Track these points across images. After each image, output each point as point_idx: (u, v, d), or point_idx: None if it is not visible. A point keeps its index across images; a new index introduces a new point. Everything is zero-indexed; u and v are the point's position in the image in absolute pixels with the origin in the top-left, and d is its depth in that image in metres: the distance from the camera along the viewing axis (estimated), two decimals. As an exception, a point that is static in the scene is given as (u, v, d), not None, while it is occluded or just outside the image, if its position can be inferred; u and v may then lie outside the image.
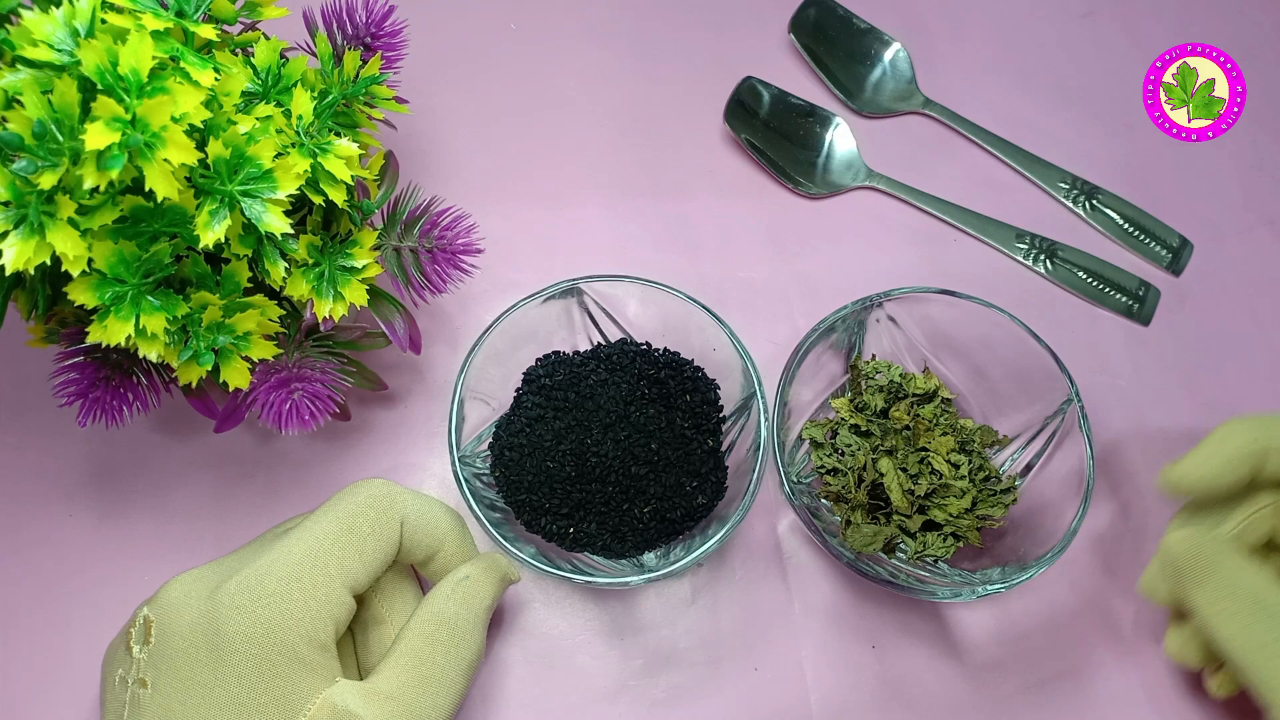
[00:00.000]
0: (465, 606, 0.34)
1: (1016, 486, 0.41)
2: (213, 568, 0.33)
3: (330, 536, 0.33)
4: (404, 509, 0.35)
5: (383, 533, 0.34)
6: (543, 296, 0.40)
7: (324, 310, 0.35)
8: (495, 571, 0.36)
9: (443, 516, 0.36)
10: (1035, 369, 0.40)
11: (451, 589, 0.35)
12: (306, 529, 0.33)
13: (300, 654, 0.31)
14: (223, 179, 0.30)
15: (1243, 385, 0.47)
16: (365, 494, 0.35)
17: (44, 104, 0.27)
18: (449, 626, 0.34)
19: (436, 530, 0.36)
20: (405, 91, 0.40)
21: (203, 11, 0.33)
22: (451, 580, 0.35)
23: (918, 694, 0.40)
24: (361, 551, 0.33)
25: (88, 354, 0.35)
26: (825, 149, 0.51)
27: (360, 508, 0.34)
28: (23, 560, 0.40)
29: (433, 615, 0.34)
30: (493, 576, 0.36)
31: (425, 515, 0.36)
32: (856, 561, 0.37)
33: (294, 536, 0.33)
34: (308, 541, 0.33)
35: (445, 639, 0.33)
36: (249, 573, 0.32)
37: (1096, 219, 0.50)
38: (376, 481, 0.35)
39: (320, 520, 0.34)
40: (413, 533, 0.35)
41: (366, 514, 0.34)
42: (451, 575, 0.35)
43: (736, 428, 0.41)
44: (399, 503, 0.35)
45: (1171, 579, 0.36)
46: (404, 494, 0.35)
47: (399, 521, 0.35)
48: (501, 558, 0.37)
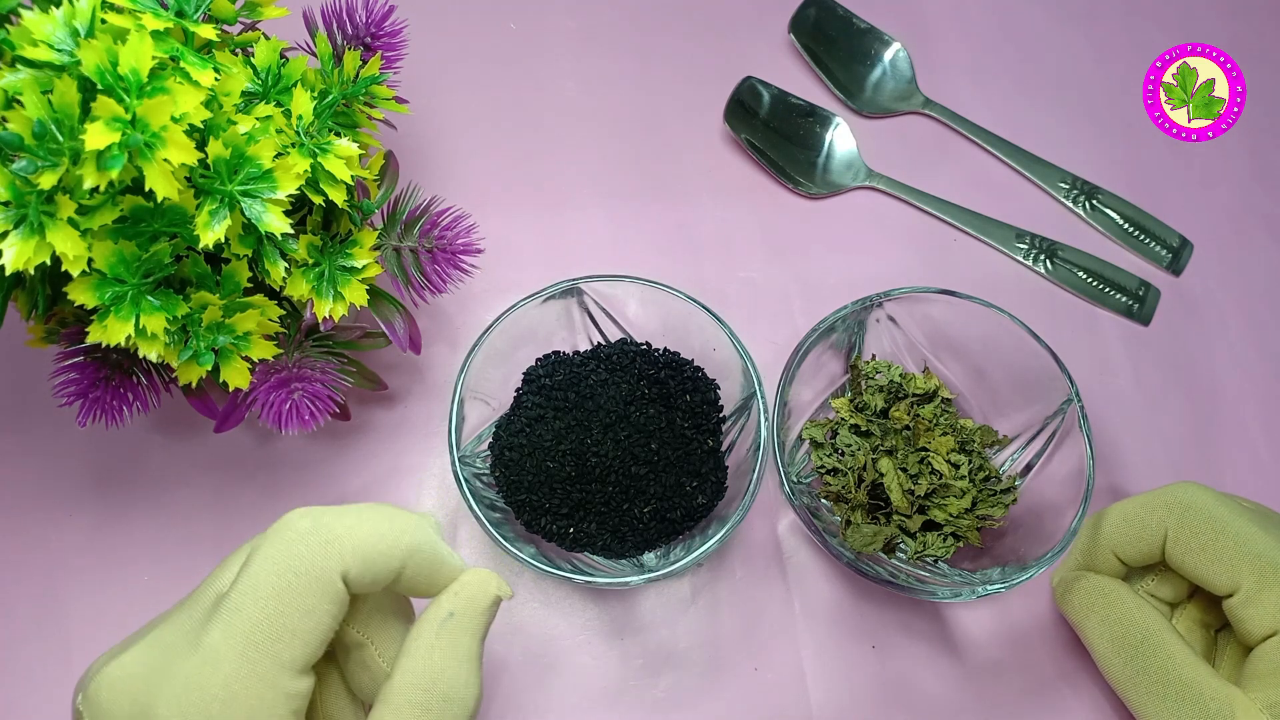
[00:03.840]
0: (453, 655, 0.30)
1: (1016, 486, 0.41)
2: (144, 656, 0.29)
3: (259, 629, 0.28)
4: (342, 561, 0.29)
5: (320, 606, 0.28)
6: (543, 296, 0.40)
7: (324, 310, 0.35)
8: (483, 599, 0.31)
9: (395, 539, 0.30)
10: (1035, 369, 0.40)
11: (435, 636, 0.30)
12: (230, 620, 0.28)
13: None
14: (223, 179, 0.30)
15: (1243, 385, 0.47)
16: (289, 559, 0.28)
17: (44, 104, 0.27)
18: (439, 687, 0.29)
19: (390, 561, 0.30)
20: (405, 91, 0.40)
21: (203, 11, 0.33)
22: (433, 624, 0.30)
23: (918, 694, 0.40)
24: (299, 633, 0.28)
25: (88, 354, 0.35)
26: (825, 149, 0.51)
27: (286, 582, 0.28)
28: (23, 560, 0.40)
29: (420, 676, 0.29)
30: (479, 605, 0.31)
31: (371, 553, 0.29)
32: (856, 561, 0.37)
33: (218, 630, 0.28)
34: (235, 640, 0.27)
35: (439, 705, 0.29)
36: (178, 692, 0.27)
37: (1096, 219, 0.50)
38: (302, 525, 0.29)
39: (244, 607, 0.28)
40: (360, 579, 0.29)
41: (294, 588, 0.28)
42: (432, 616, 0.30)
43: (736, 428, 0.41)
44: (334, 556, 0.29)
45: (1062, 601, 0.39)
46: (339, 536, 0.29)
47: (338, 580, 0.29)
48: (489, 575, 0.31)
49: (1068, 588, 0.38)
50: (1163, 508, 0.36)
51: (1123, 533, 0.37)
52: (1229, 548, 0.34)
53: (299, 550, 0.29)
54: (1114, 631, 0.36)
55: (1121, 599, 0.36)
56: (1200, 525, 0.35)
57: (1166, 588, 0.38)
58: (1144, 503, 0.37)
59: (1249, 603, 0.34)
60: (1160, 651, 0.35)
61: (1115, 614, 0.36)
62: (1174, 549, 0.36)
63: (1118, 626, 0.36)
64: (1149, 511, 0.37)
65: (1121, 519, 0.37)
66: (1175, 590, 0.38)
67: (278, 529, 0.29)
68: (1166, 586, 0.38)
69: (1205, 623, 0.38)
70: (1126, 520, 0.37)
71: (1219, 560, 0.35)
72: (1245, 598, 0.34)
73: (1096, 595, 0.37)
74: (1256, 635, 0.34)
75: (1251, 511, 0.36)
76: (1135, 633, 0.35)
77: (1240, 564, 0.34)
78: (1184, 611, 0.38)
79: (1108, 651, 0.36)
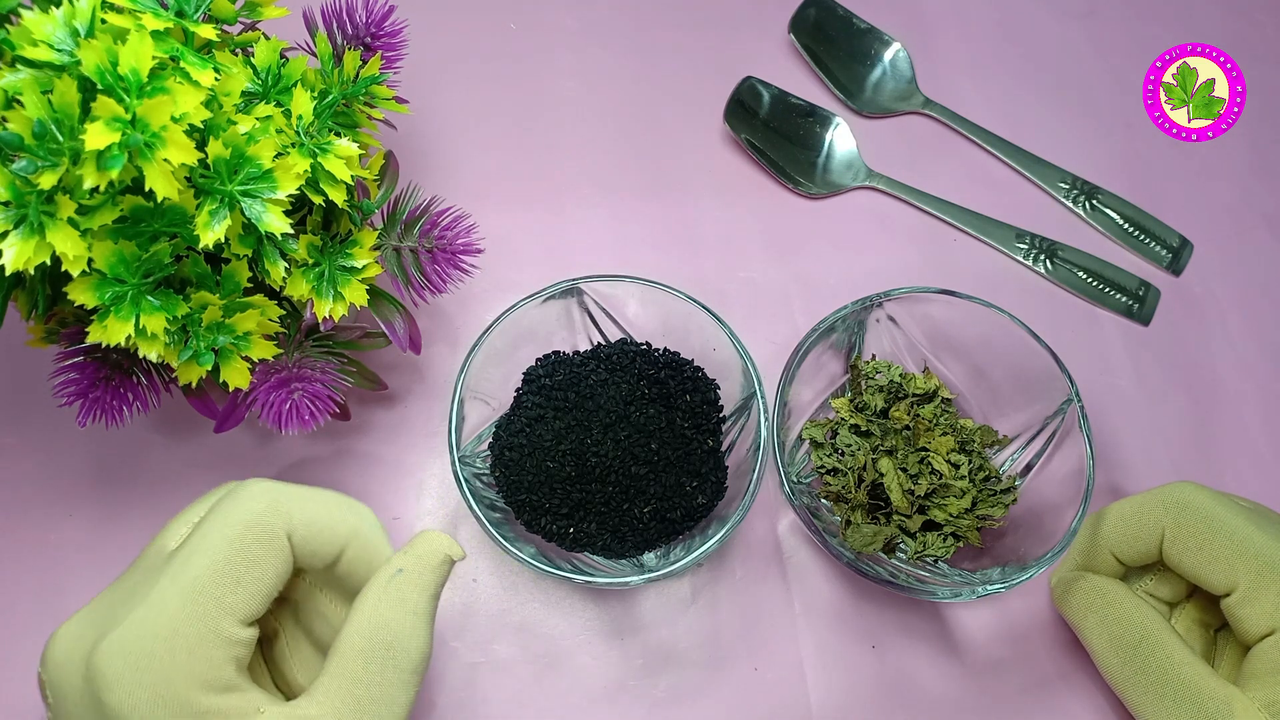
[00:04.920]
0: (401, 607, 0.31)
1: (1016, 486, 0.41)
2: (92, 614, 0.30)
3: (206, 575, 0.29)
4: (289, 521, 0.31)
5: (266, 558, 0.30)
6: (543, 296, 0.40)
7: (324, 310, 0.35)
8: (433, 556, 0.32)
9: (341, 518, 0.32)
10: (1035, 369, 0.40)
11: (383, 589, 0.31)
12: (179, 567, 0.29)
13: (200, 706, 0.28)
14: (223, 179, 0.30)
15: (1243, 385, 0.47)
16: (240, 514, 0.30)
17: (44, 104, 0.27)
18: (384, 636, 0.30)
19: (334, 536, 0.32)
20: (405, 91, 0.40)
21: (203, 11, 0.33)
22: (382, 578, 0.31)
23: (918, 694, 0.40)
24: (244, 582, 0.29)
25: (88, 354, 0.35)
26: (825, 149, 0.51)
27: (235, 532, 0.30)
28: (23, 560, 0.40)
29: (365, 624, 0.30)
30: (430, 562, 0.32)
31: (316, 523, 0.31)
32: (856, 561, 0.37)
33: (167, 578, 0.29)
34: (181, 585, 0.29)
35: (382, 653, 0.30)
36: (123, 633, 0.28)
37: (1096, 219, 0.50)
38: (256, 488, 0.31)
39: (192, 555, 0.29)
40: (304, 544, 0.31)
41: (243, 539, 0.30)
42: (382, 572, 0.31)
43: (736, 428, 0.41)
44: (282, 515, 0.31)
45: (1061, 601, 0.39)
46: (289, 501, 0.31)
47: (284, 538, 0.31)
48: (439, 535, 0.32)
49: (1066, 588, 0.38)
50: (1160, 507, 0.36)
51: (1120, 533, 0.37)
52: (1226, 547, 0.34)
53: (249, 506, 0.30)
54: (1112, 631, 0.36)
55: (1120, 599, 0.37)
56: (1197, 525, 0.35)
57: (1165, 587, 0.38)
58: (1141, 503, 0.37)
59: (1246, 602, 0.34)
60: (1159, 651, 0.35)
61: (1114, 614, 0.36)
62: (1171, 548, 0.36)
63: (1116, 626, 0.36)
64: (1146, 511, 0.37)
65: (1119, 519, 0.37)
66: (1174, 590, 0.38)
67: (233, 492, 0.31)
68: (1165, 586, 0.38)
69: (1204, 622, 0.38)
70: (1124, 520, 0.37)
71: (1216, 559, 0.35)
72: (1243, 597, 0.34)
73: (1095, 595, 0.37)
74: (1254, 634, 0.34)
75: (1249, 510, 0.36)
76: (1134, 632, 0.35)
77: (1237, 563, 0.34)
78: (1183, 611, 0.39)
79: (1106, 651, 0.36)
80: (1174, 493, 0.36)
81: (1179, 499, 0.36)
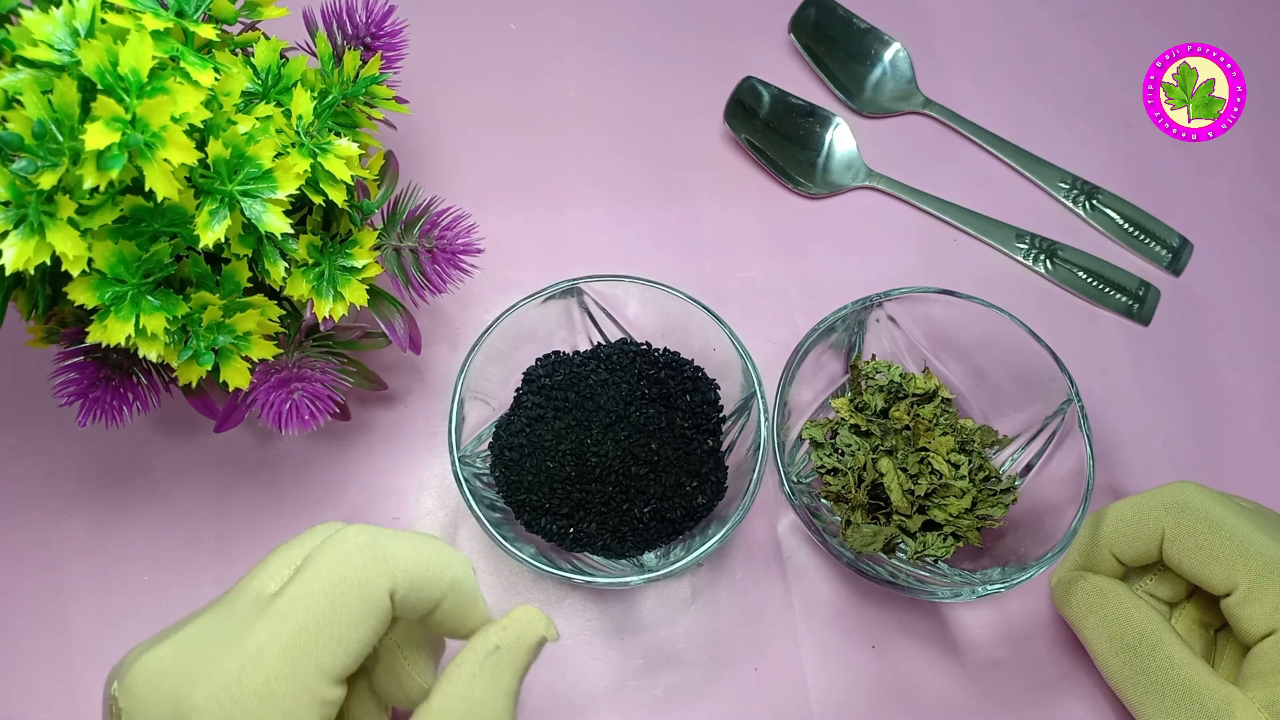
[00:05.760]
0: (494, 689, 0.29)
1: (1016, 486, 0.41)
2: (182, 648, 0.29)
3: (306, 634, 0.28)
4: (393, 580, 0.29)
5: (368, 619, 0.29)
6: (543, 296, 0.40)
7: (324, 310, 0.35)
8: (529, 637, 0.30)
9: (442, 571, 0.30)
10: (1035, 369, 0.40)
11: (479, 666, 0.29)
12: (278, 622, 0.28)
13: None
14: (223, 179, 0.30)
15: (1243, 385, 0.47)
16: (344, 570, 0.29)
17: (44, 104, 0.27)
18: (476, 715, 0.29)
19: (434, 590, 0.30)
20: (405, 91, 0.40)
21: (203, 11, 0.33)
22: (478, 654, 0.30)
23: (918, 694, 0.40)
24: (344, 642, 0.28)
25: (88, 354, 0.35)
26: (825, 149, 0.51)
27: (339, 591, 0.28)
28: (23, 560, 0.40)
29: (457, 703, 0.29)
30: (525, 643, 0.30)
31: (419, 580, 0.30)
32: (856, 561, 0.37)
33: (265, 633, 0.28)
34: (280, 642, 0.28)
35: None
36: (218, 686, 0.27)
37: (1096, 219, 0.50)
38: (360, 540, 0.29)
39: (294, 610, 0.28)
40: (405, 600, 0.30)
41: (346, 599, 0.28)
42: (477, 647, 0.30)
43: (736, 428, 0.41)
44: (386, 574, 0.29)
45: (1061, 601, 0.39)
46: (394, 557, 0.29)
47: (387, 597, 0.29)
48: (537, 614, 0.31)
49: (1066, 588, 0.38)
50: (1160, 507, 0.36)
51: (1120, 533, 0.37)
52: (1226, 547, 0.34)
53: (355, 562, 0.29)
54: (1112, 631, 0.36)
55: (1120, 599, 0.37)
56: (1197, 525, 0.35)
57: (1165, 587, 0.38)
58: (1141, 503, 0.37)
59: (1246, 602, 0.34)
60: (1159, 651, 0.35)
61: (1114, 614, 0.36)
62: (1171, 549, 0.36)
63: (1116, 626, 0.36)
64: (1146, 511, 0.37)
65: (1119, 519, 0.37)
66: (1174, 590, 0.38)
67: (335, 541, 0.30)
68: (1165, 586, 0.38)
69: (1204, 622, 0.38)
70: (1124, 520, 0.37)
71: (1216, 559, 0.35)
72: (1243, 597, 0.34)
73: (1095, 595, 0.37)
74: (1254, 634, 0.34)
75: (1249, 510, 0.36)
76: (1134, 632, 0.35)
77: (1237, 563, 0.34)
78: (1183, 611, 0.38)
79: (1106, 651, 0.36)
80: (1174, 493, 0.36)
81: (1179, 499, 0.36)
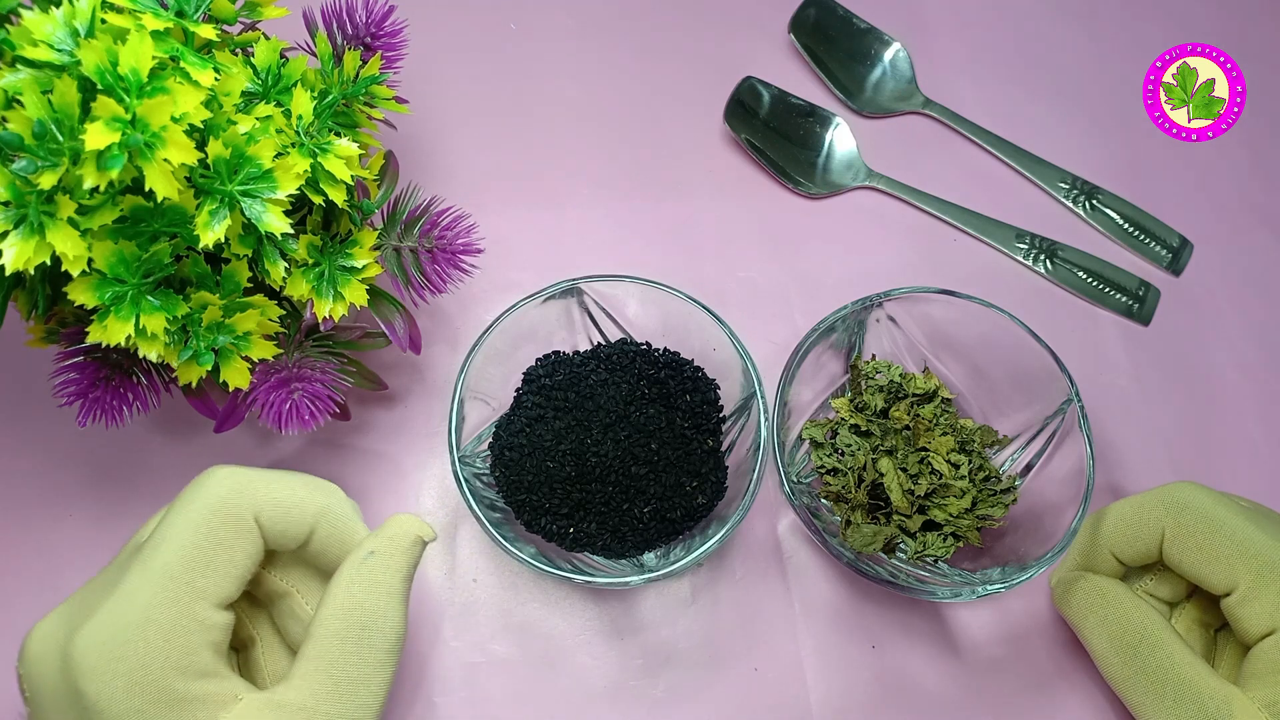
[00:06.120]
0: (373, 589, 0.31)
1: (1016, 486, 0.41)
2: (70, 607, 0.30)
3: (175, 561, 0.29)
4: (255, 502, 0.31)
5: (235, 541, 0.30)
6: (543, 296, 0.40)
7: (324, 310, 0.35)
8: (404, 537, 0.33)
9: (308, 497, 0.32)
10: (1035, 369, 0.40)
11: (355, 571, 0.32)
12: (149, 556, 0.30)
13: (178, 692, 0.28)
14: (223, 179, 0.30)
15: (1243, 385, 0.47)
16: (206, 498, 0.31)
17: (44, 104, 0.27)
18: (358, 617, 0.31)
19: (303, 515, 0.32)
20: (405, 91, 0.40)
21: (203, 11, 0.33)
22: (354, 560, 0.32)
23: (918, 694, 0.40)
24: (215, 565, 0.30)
25: (88, 354, 0.35)
26: (825, 149, 0.51)
27: (202, 517, 0.30)
28: (22, 560, 0.40)
29: (338, 607, 0.31)
30: (402, 544, 0.32)
31: (283, 503, 0.32)
32: (856, 561, 0.37)
33: (138, 568, 0.29)
34: (151, 573, 0.29)
35: (356, 634, 0.31)
36: (97, 622, 0.28)
37: (1096, 219, 0.50)
38: (219, 474, 0.31)
39: (161, 543, 0.30)
40: (273, 524, 0.32)
41: (210, 523, 0.30)
42: (354, 554, 0.32)
43: (736, 428, 0.41)
44: (247, 497, 0.31)
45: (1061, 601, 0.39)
46: (253, 483, 0.32)
47: (252, 520, 0.31)
48: (410, 518, 0.33)
49: (1066, 588, 0.38)
50: (1160, 507, 0.36)
51: (1120, 533, 0.37)
52: (1226, 547, 0.34)
53: (215, 492, 0.31)
54: (1112, 631, 0.36)
55: (1120, 599, 0.37)
56: (1197, 524, 0.35)
57: (1165, 587, 0.38)
58: (1141, 503, 0.37)
59: (1246, 601, 0.34)
60: (1159, 651, 0.35)
61: (1114, 614, 0.36)
62: (1171, 548, 0.36)
63: (1116, 626, 0.36)
64: (1146, 511, 0.37)
65: (1119, 519, 0.37)
66: (1174, 590, 0.38)
67: (196, 480, 0.32)
68: (1165, 586, 0.38)
69: (1204, 622, 0.38)
70: (1124, 520, 0.37)
71: (1216, 559, 0.35)
72: (1242, 596, 0.34)
73: (1095, 595, 0.37)
74: (1254, 634, 0.34)
75: (1249, 510, 0.36)
76: (1134, 632, 0.35)
77: (1237, 563, 0.34)
78: (1183, 611, 0.39)
79: (1106, 651, 0.36)
80: (1174, 493, 0.36)
81: (1179, 499, 0.36)
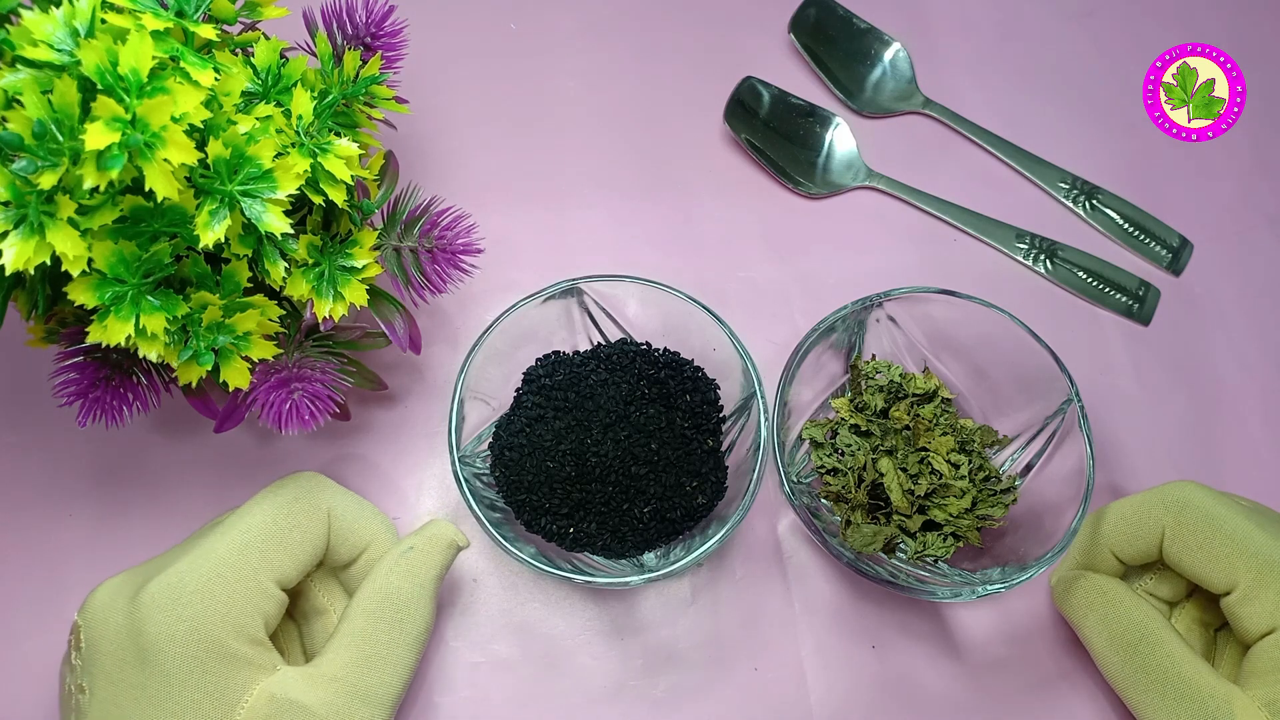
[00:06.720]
0: (410, 579, 0.34)
1: (1016, 486, 0.41)
2: (139, 570, 0.33)
3: (255, 530, 0.33)
4: (331, 502, 0.35)
5: (309, 526, 0.34)
6: (543, 296, 0.40)
7: (324, 310, 0.35)
8: (441, 539, 0.36)
9: (372, 518, 0.36)
10: (1035, 369, 0.40)
11: (395, 561, 0.34)
12: (231, 525, 0.33)
13: (229, 649, 0.31)
14: (223, 179, 0.30)
15: (1243, 385, 0.47)
16: (292, 487, 0.35)
17: (44, 104, 0.27)
18: (393, 601, 0.33)
19: (364, 529, 0.36)
20: (405, 91, 0.40)
21: (203, 11, 0.33)
22: (395, 553, 0.35)
23: (918, 694, 0.40)
24: (287, 544, 0.33)
25: (88, 354, 0.35)
26: (825, 149, 0.51)
27: (285, 500, 0.34)
28: (22, 560, 0.40)
29: (376, 590, 0.34)
30: (439, 545, 0.35)
31: (353, 512, 0.36)
32: (856, 561, 0.37)
33: (218, 533, 0.33)
34: (232, 537, 0.32)
35: (390, 615, 0.33)
36: (171, 573, 0.31)
37: (1096, 219, 0.50)
38: (306, 474, 0.36)
39: (245, 515, 0.33)
40: (339, 527, 0.35)
41: (292, 507, 0.34)
42: (395, 548, 0.35)
43: (736, 428, 0.41)
44: (326, 496, 0.35)
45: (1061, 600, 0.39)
46: (333, 489, 0.36)
47: (325, 514, 0.35)
48: (447, 524, 0.36)
49: (1066, 587, 0.38)
50: (1160, 506, 0.36)
51: (1121, 532, 0.37)
52: (1226, 546, 0.35)
53: (301, 484, 0.35)
54: (1113, 630, 0.36)
55: (1120, 598, 0.37)
56: (1197, 524, 0.35)
57: (1165, 586, 0.38)
58: (1141, 502, 0.37)
59: (1246, 600, 0.34)
60: (1159, 650, 0.35)
61: (1114, 613, 0.36)
62: (1171, 547, 0.36)
63: (1116, 625, 0.36)
64: (1146, 510, 0.37)
65: (1119, 518, 0.37)
66: (1174, 589, 0.38)
67: (282, 479, 0.35)
68: (1165, 585, 0.38)
69: (1204, 621, 0.38)
70: (1124, 519, 0.37)
71: (1216, 558, 0.35)
72: (1242, 596, 0.34)
73: (1095, 594, 0.37)
74: (1254, 633, 0.34)
75: (1249, 510, 0.36)
76: (1134, 631, 0.35)
77: (1237, 562, 0.34)
78: (1183, 610, 0.39)
79: (1107, 650, 0.36)
80: (1174, 492, 0.36)
81: (1179, 498, 0.36)
